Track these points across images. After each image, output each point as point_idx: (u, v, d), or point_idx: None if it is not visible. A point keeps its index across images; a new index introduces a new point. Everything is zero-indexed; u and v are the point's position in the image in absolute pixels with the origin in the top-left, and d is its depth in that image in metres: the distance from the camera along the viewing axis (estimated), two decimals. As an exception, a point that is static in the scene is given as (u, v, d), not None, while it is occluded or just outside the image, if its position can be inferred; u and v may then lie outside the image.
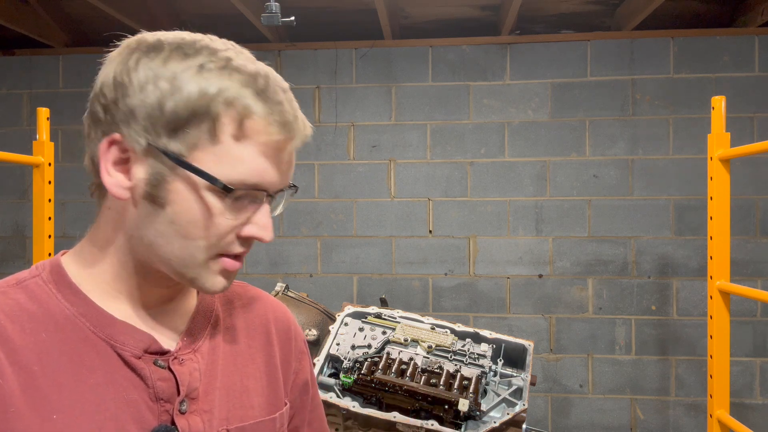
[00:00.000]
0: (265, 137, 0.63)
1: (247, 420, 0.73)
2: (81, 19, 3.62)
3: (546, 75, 3.50)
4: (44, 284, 0.66)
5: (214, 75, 0.62)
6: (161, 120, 0.61)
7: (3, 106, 3.74)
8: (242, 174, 0.62)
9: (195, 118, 0.61)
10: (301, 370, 0.85)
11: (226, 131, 0.62)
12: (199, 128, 0.61)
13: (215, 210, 0.63)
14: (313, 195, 3.62)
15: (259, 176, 0.64)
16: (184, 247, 0.64)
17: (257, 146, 0.63)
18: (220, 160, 0.62)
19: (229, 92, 0.61)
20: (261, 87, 0.63)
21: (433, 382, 1.99)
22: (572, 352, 3.47)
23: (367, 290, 3.59)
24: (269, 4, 2.59)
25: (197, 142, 0.61)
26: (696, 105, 3.42)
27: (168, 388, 0.66)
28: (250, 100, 0.62)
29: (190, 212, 0.63)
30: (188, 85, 0.61)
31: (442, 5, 3.32)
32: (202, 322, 0.74)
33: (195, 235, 0.64)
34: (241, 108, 0.62)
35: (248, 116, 0.62)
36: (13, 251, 3.75)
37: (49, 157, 2.01)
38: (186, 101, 0.61)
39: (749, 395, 3.38)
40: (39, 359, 0.61)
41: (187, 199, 0.63)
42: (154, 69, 0.62)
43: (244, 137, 0.62)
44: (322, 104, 3.61)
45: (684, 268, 3.42)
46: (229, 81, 0.62)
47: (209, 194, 0.62)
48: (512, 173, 3.52)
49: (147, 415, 0.64)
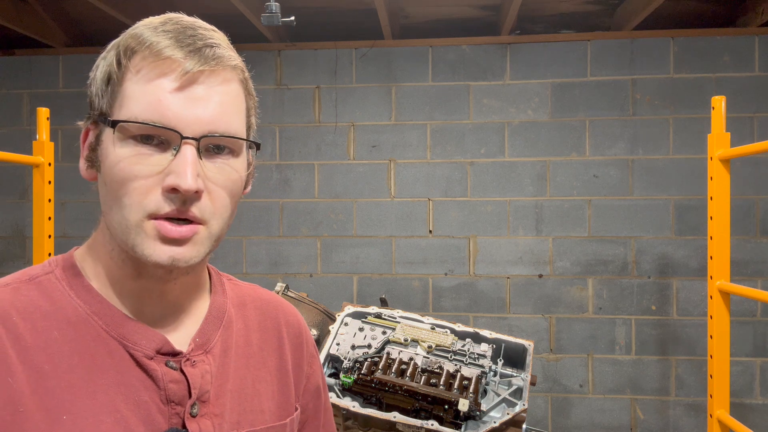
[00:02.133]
0: (149, 64, 0.61)
1: (257, 425, 0.72)
2: (81, 19, 3.62)
3: (546, 75, 3.50)
4: (57, 281, 0.65)
5: (122, 39, 0.64)
6: (99, 88, 0.64)
7: (3, 106, 3.74)
8: (132, 110, 0.60)
9: (106, 80, 0.64)
10: (313, 374, 0.84)
11: (127, 76, 0.62)
12: (108, 87, 0.63)
13: (122, 155, 0.61)
14: (313, 195, 3.62)
15: (154, 109, 0.60)
16: (118, 211, 0.62)
17: (143, 75, 0.61)
18: (121, 103, 0.62)
19: (121, 43, 0.63)
20: (152, 26, 0.63)
21: (433, 382, 1.99)
22: (572, 352, 3.47)
23: (367, 290, 3.59)
24: (269, 4, 2.59)
25: (111, 100, 0.63)
26: (696, 105, 3.42)
27: (179, 390, 0.65)
28: (133, 40, 0.62)
29: (110, 169, 0.62)
30: (107, 55, 0.65)
31: (442, 5, 3.32)
32: (214, 323, 0.73)
33: (119, 192, 0.61)
34: (125, 50, 0.62)
35: (132, 53, 0.62)
36: (13, 251, 3.75)
37: (49, 157, 2.01)
38: (104, 69, 0.64)
39: (749, 395, 3.38)
40: (50, 359, 0.60)
41: (107, 154, 0.62)
42: (109, 50, 0.66)
43: (130, 72, 0.61)
44: (322, 104, 3.61)
45: (684, 268, 3.42)
46: (132, 31, 0.64)
47: (117, 142, 0.61)
48: (512, 173, 3.52)
49: (158, 418, 0.63)
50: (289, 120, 3.61)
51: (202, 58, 0.61)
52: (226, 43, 0.67)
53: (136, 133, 0.61)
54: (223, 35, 0.67)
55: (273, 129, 3.62)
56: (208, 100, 0.62)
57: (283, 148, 3.63)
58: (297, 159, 3.63)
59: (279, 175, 3.62)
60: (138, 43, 0.61)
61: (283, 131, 3.63)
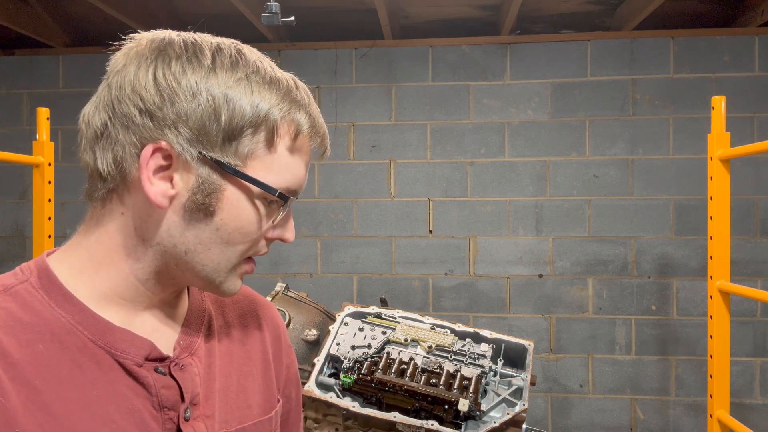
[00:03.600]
0: (308, 149, 0.69)
1: (246, 421, 0.72)
2: (81, 19, 3.62)
3: (546, 75, 3.50)
4: (34, 290, 0.62)
5: (265, 88, 0.65)
6: (217, 130, 0.61)
7: (3, 106, 3.74)
8: (288, 182, 0.67)
9: (250, 129, 0.63)
10: (292, 364, 0.86)
11: (281, 143, 0.65)
12: (253, 138, 0.63)
13: (263, 216, 0.67)
14: (313, 195, 3.62)
15: (299, 184, 0.69)
16: (223, 253, 0.66)
17: (304, 157, 0.68)
18: (271, 169, 0.65)
19: (282, 107, 0.65)
20: (304, 101, 0.68)
21: (433, 382, 1.99)
22: (572, 352, 3.47)
23: (367, 290, 3.59)
24: (269, 4, 2.59)
25: (252, 152, 0.64)
26: (696, 105, 3.42)
27: (172, 395, 0.65)
28: (299, 114, 0.67)
29: (238, 219, 0.65)
30: (241, 98, 0.63)
31: (442, 5, 3.32)
32: (196, 323, 0.73)
33: (238, 240, 0.66)
34: (293, 122, 0.66)
35: (300, 131, 0.67)
36: (13, 251, 3.75)
37: (49, 157, 2.01)
38: (241, 113, 0.62)
39: (749, 395, 3.38)
40: (39, 373, 0.58)
41: (239, 207, 0.65)
42: (204, 77, 0.62)
43: (296, 150, 0.67)
44: (322, 104, 3.61)
45: (684, 268, 3.42)
46: (276, 96, 0.65)
47: (258, 201, 0.66)
48: (512, 173, 3.52)
49: (151, 424, 0.63)
50: (289, 120, 3.61)
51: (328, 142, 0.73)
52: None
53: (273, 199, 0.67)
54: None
55: (273, 129, 3.61)
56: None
57: (283, 148, 3.63)
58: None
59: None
60: (295, 123, 0.66)
61: (283, 131, 3.63)
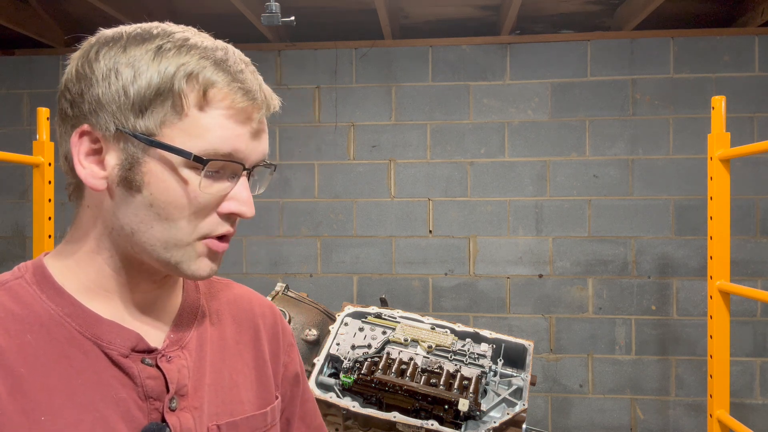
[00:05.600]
0: (229, 103, 0.63)
1: (237, 415, 0.73)
2: (81, 19, 3.62)
3: (546, 75, 3.50)
4: (28, 285, 0.65)
5: (172, 54, 0.63)
6: (127, 104, 0.62)
7: (3, 106, 3.74)
8: (212, 143, 0.63)
9: (159, 97, 0.62)
10: (291, 362, 0.86)
11: (190, 104, 0.62)
12: (163, 106, 0.62)
13: (192, 186, 0.63)
14: (313, 195, 3.62)
15: (231, 145, 0.63)
16: (166, 230, 0.64)
17: (223, 112, 0.63)
18: (189, 133, 0.62)
19: (189, 66, 0.63)
20: (220, 58, 0.64)
21: (433, 382, 1.99)
22: (572, 352, 3.47)
23: (367, 290, 3.59)
24: (269, 4, 2.59)
25: (164, 119, 0.62)
26: (696, 105, 3.42)
27: (157, 386, 0.66)
28: (210, 70, 0.63)
29: (167, 192, 0.63)
30: (149, 67, 0.62)
31: (442, 5, 3.32)
32: (188, 318, 0.74)
33: (175, 215, 0.63)
34: (201, 79, 0.63)
35: (210, 86, 0.63)
36: (13, 251, 3.75)
37: (49, 157, 2.01)
38: (148, 82, 0.62)
39: (749, 395, 3.38)
40: (25, 361, 0.60)
41: (163, 179, 0.63)
42: (114, 57, 0.63)
43: (208, 106, 0.63)
44: (322, 104, 3.61)
45: (684, 268, 3.43)
46: (187, 56, 0.63)
47: (185, 170, 0.63)
48: (512, 173, 3.52)
49: (137, 414, 0.64)
50: (289, 120, 3.61)
51: (266, 104, 0.68)
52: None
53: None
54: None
55: (273, 129, 3.61)
56: (264, 136, 0.69)
57: (283, 147, 3.63)
58: (297, 159, 3.63)
59: (279, 175, 3.62)
60: (204, 79, 0.63)
61: (283, 131, 3.63)
